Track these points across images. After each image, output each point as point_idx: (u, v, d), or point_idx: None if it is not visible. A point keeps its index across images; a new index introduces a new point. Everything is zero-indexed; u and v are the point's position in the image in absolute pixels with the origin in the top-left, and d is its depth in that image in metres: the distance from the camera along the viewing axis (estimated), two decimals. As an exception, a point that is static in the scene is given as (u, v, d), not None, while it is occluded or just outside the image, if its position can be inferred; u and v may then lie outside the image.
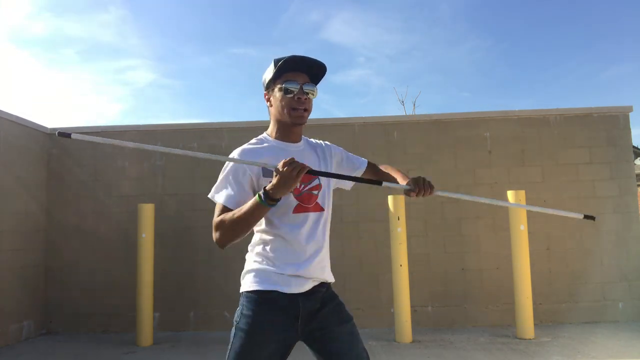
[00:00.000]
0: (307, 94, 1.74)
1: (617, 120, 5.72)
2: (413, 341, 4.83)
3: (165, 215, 5.66)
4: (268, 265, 1.69)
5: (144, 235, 5.01)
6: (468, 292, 5.54)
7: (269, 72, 1.78)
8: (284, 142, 1.79)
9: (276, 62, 1.73)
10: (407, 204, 5.13)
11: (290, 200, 1.71)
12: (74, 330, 5.64)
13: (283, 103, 1.73)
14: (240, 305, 1.71)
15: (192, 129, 5.92)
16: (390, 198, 4.95)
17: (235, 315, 1.71)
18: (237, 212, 1.61)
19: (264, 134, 1.84)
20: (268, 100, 1.80)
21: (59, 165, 5.87)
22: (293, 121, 1.74)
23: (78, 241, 5.74)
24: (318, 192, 1.77)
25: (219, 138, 5.84)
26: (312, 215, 1.74)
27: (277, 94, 1.75)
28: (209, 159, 3.10)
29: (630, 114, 5.76)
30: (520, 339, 4.77)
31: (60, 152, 5.89)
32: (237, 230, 1.62)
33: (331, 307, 1.76)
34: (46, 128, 5.85)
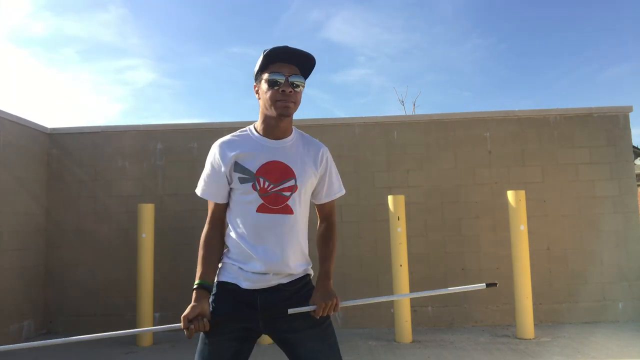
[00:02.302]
0: (294, 86, 1.67)
1: (617, 120, 5.72)
2: (413, 341, 4.83)
3: (165, 215, 5.66)
4: (231, 259, 1.73)
5: (144, 235, 5.01)
6: (468, 292, 5.54)
7: (258, 64, 1.74)
8: (267, 139, 1.74)
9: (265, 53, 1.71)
10: (407, 204, 5.13)
11: (254, 198, 1.68)
12: (74, 330, 5.64)
13: (268, 95, 1.67)
14: None
15: (192, 129, 5.92)
16: (390, 198, 4.95)
17: None
18: (201, 251, 1.75)
19: (252, 126, 1.80)
20: (257, 92, 1.76)
21: (59, 165, 5.88)
22: (279, 112, 1.67)
23: (78, 241, 5.74)
24: (291, 194, 1.71)
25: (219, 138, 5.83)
26: (277, 217, 1.69)
27: (263, 85, 1.70)
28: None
29: (630, 114, 5.77)
30: (520, 339, 4.77)
31: (60, 152, 5.89)
32: None
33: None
34: (46, 128, 5.85)
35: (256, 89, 1.76)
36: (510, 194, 4.93)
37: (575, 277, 5.51)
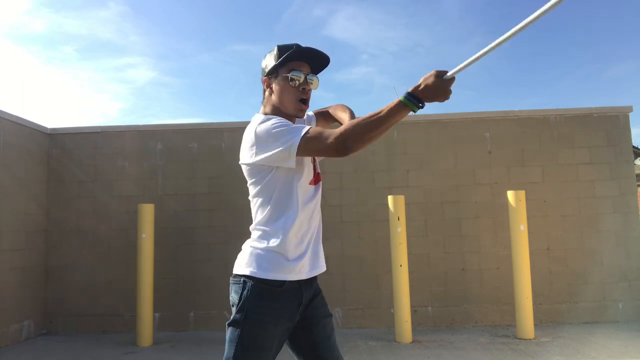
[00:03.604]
0: (310, 84, 1.76)
1: (617, 120, 5.72)
2: (413, 341, 4.83)
3: (165, 215, 5.66)
4: (274, 248, 1.61)
5: (144, 235, 5.01)
6: (468, 292, 5.54)
7: (271, 58, 1.76)
8: None
9: (281, 48, 1.73)
10: (407, 204, 5.13)
11: (311, 168, 1.72)
12: (74, 330, 5.64)
13: (287, 92, 1.72)
14: (244, 290, 1.58)
15: (192, 129, 5.92)
16: (390, 198, 4.95)
17: (238, 300, 1.59)
18: (374, 114, 1.51)
19: (262, 115, 1.75)
20: (268, 86, 1.78)
21: (59, 165, 5.87)
22: (294, 114, 1.76)
23: (78, 241, 5.74)
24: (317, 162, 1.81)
25: (219, 138, 5.84)
26: (319, 189, 1.77)
27: (280, 82, 1.73)
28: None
29: (630, 114, 5.76)
30: (520, 339, 4.77)
31: (60, 152, 5.89)
32: (373, 134, 1.54)
33: (320, 298, 1.77)
34: (46, 128, 5.85)
35: (267, 83, 1.78)
36: (510, 194, 4.92)
37: (575, 277, 5.51)
